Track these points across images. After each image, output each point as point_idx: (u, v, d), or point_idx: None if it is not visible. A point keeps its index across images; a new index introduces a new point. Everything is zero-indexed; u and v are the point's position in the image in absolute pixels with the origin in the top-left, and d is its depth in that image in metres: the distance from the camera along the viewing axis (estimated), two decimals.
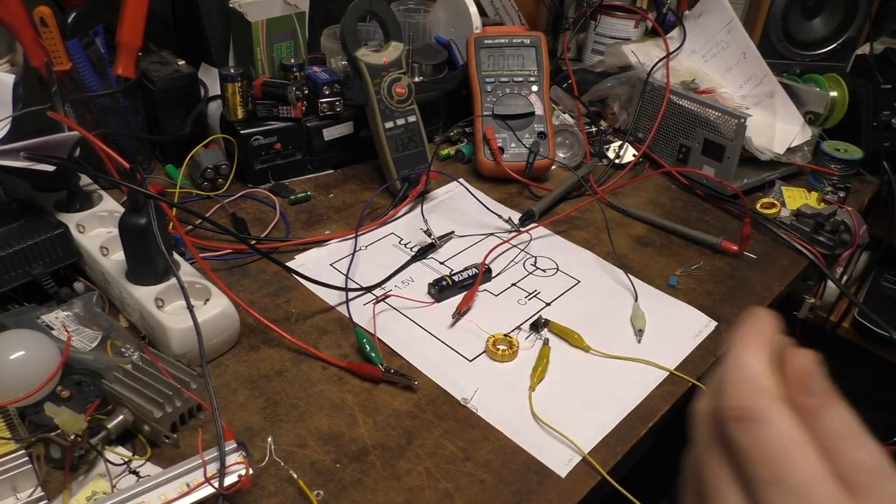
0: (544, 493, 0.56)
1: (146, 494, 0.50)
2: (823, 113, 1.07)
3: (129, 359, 0.62)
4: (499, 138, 0.98)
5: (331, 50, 1.04)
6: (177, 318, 0.63)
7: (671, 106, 1.02)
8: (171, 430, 0.58)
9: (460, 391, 0.65)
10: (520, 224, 0.89)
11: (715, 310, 0.76)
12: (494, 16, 1.27)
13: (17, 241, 0.68)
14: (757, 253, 0.86)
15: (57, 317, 0.66)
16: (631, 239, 0.88)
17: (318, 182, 0.97)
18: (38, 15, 0.77)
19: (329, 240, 0.84)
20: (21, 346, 0.57)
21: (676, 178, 1.01)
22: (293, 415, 0.61)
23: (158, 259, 0.66)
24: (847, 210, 0.92)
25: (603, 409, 0.63)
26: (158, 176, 0.94)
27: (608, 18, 1.25)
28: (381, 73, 0.89)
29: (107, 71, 0.86)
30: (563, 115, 1.11)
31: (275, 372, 0.66)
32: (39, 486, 0.52)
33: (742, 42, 1.09)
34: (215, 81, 0.95)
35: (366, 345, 0.67)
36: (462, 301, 0.74)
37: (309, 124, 0.93)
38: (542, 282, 0.80)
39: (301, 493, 0.54)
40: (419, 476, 0.57)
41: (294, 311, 0.73)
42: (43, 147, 0.69)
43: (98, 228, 0.76)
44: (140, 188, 0.63)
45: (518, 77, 1.01)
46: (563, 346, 0.70)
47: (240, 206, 0.90)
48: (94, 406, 0.58)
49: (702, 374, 0.68)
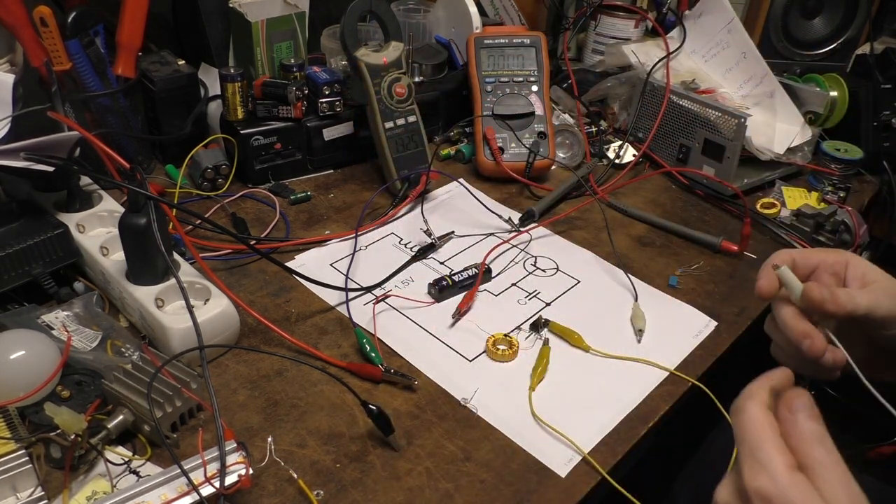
0: (544, 493, 0.56)
1: (146, 494, 0.50)
2: (823, 113, 1.07)
3: (129, 359, 0.62)
4: (499, 138, 0.98)
5: (331, 50, 1.04)
6: (177, 318, 0.63)
7: (671, 106, 1.02)
8: (171, 430, 0.58)
9: (460, 391, 0.65)
10: (520, 224, 0.89)
11: (715, 310, 0.76)
12: (494, 16, 1.27)
13: (17, 241, 0.68)
14: (757, 253, 0.86)
15: (57, 317, 0.66)
16: (631, 239, 0.88)
17: (318, 182, 0.97)
18: (38, 15, 0.77)
19: (329, 240, 0.84)
20: (21, 346, 0.57)
21: (676, 178, 1.01)
22: (293, 415, 0.61)
23: (158, 259, 0.66)
24: (847, 210, 0.92)
25: (603, 409, 0.63)
26: (158, 176, 0.94)
27: (608, 18, 1.25)
28: (381, 73, 0.89)
29: (107, 71, 0.86)
30: (563, 115, 1.11)
31: (275, 372, 0.66)
32: (39, 486, 0.52)
33: (742, 42, 1.09)
34: (215, 81, 0.95)
35: (366, 345, 0.67)
36: (462, 301, 0.74)
37: (309, 124, 0.93)
38: (542, 282, 0.80)
39: (301, 493, 0.54)
40: (419, 476, 0.57)
41: (294, 311, 0.73)
42: (43, 147, 0.69)
43: (98, 228, 0.76)
44: (140, 188, 0.63)
45: (518, 77, 1.01)
46: (563, 346, 0.70)
47: (240, 206, 0.90)
48: (94, 406, 0.58)
49: (702, 373, 0.68)
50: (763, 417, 0.42)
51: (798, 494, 0.39)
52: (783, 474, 0.40)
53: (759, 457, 0.41)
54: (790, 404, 0.43)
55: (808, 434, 0.41)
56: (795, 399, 0.43)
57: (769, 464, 0.40)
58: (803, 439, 0.41)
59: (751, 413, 0.43)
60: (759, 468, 0.41)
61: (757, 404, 0.43)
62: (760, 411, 0.43)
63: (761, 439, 0.41)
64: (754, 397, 0.44)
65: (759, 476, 0.41)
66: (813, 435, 0.41)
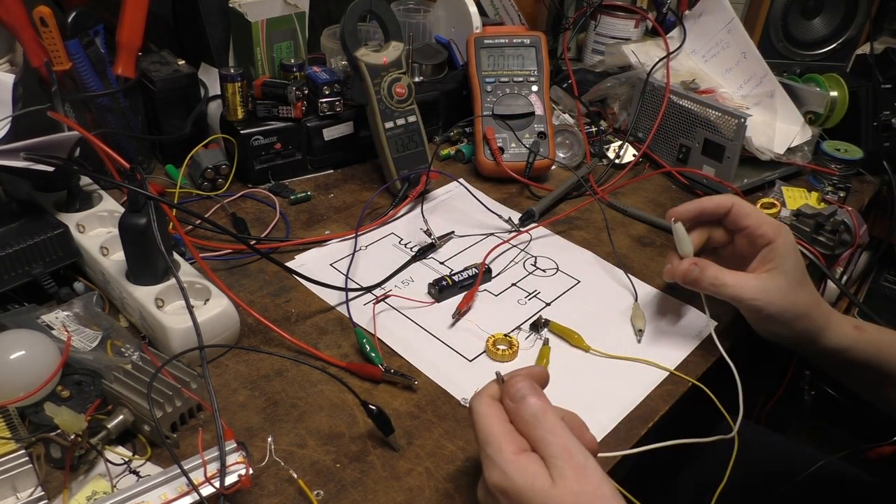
0: None
1: (146, 494, 0.50)
2: (823, 113, 1.07)
3: (129, 359, 0.62)
4: (499, 138, 0.98)
5: (331, 50, 1.04)
6: (177, 318, 0.63)
7: (671, 106, 1.02)
8: (171, 430, 0.58)
9: (460, 391, 0.65)
10: (520, 224, 0.89)
11: (715, 310, 0.76)
12: (494, 16, 1.27)
13: (17, 241, 0.68)
14: None
15: (57, 317, 0.66)
16: (631, 239, 0.88)
17: (318, 182, 0.97)
18: (38, 15, 0.77)
19: (329, 240, 0.84)
20: (21, 346, 0.57)
21: (676, 178, 1.01)
22: (293, 415, 0.61)
23: (158, 259, 0.66)
24: (847, 210, 0.92)
25: (603, 409, 0.63)
26: (158, 176, 0.94)
27: (608, 18, 1.25)
28: (381, 73, 0.89)
29: (107, 71, 0.86)
30: (563, 115, 1.11)
31: (275, 372, 0.66)
32: (39, 486, 0.52)
33: (742, 42, 1.09)
34: (215, 81, 0.95)
35: (366, 345, 0.67)
36: (462, 301, 0.74)
37: (309, 124, 0.93)
38: (542, 282, 0.80)
39: (301, 493, 0.54)
40: (419, 476, 0.57)
41: (294, 311, 0.73)
42: (43, 147, 0.69)
43: (98, 228, 0.76)
44: (140, 188, 0.63)
45: (518, 77, 1.01)
46: (563, 346, 0.70)
47: (240, 206, 0.90)
48: (94, 406, 0.58)
49: (702, 373, 0.68)
50: (488, 410, 0.46)
51: (523, 479, 0.43)
52: (510, 462, 0.43)
53: (489, 452, 0.44)
54: (510, 392, 0.46)
55: (529, 416, 0.45)
56: (512, 386, 0.46)
57: (497, 456, 0.44)
58: (526, 422, 0.45)
59: (477, 409, 0.46)
60: (491, 463, 0.44)
61: (483, 399, 0.47)
62: (485, 405, 0.46)
63: (489, 433, 0.45)
64: (481, 394, 0.48)
65: (492, 471, 0.44)
66: (533, 415, 0.45)
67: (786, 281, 0.65)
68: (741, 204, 0.68)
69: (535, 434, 0.45)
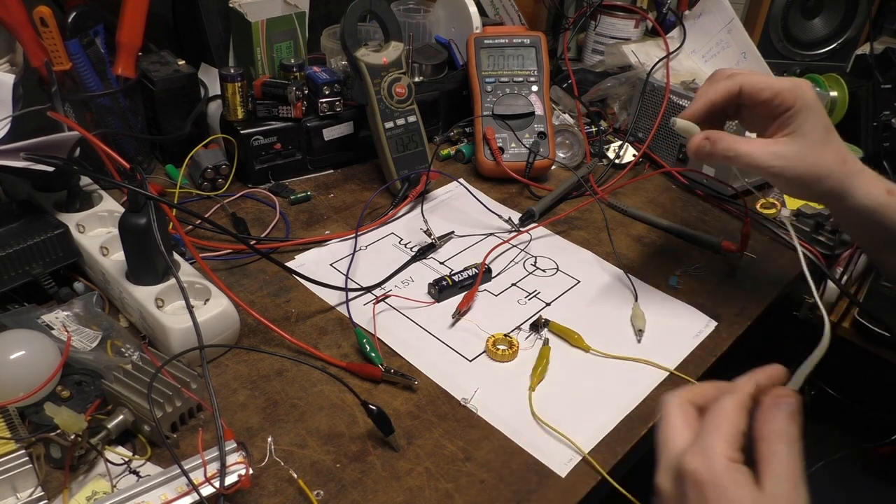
0: (544, 493, 0.56)
1: (146, 494, 0.50)
2: None
3: (129, 359, 0.62)
4: (499, 138, 0.98)
5: (331, 50, 1.04)
6: (177, 318, 0.63)
7: (671, 106, 1.02)
8: (171, 430, 0.58)
9: (460, 391, 0.65)
10: (520, 224, 0.89)
11: (715, 310, 0.76)
12: (494, 16, 1.27)
13: (17, 241, 0.68)
14: (757, 253, 0.86)
15: (57, 317, 0.66)
16: (631, 239, 0.88)
17: (318, 182, 0.97)
18: (38, 15, 0.77)
19: (329, 240, 0.84)
20: (21, 346, 0.57)
21: (676, 178, 1.01)
22: (293, 415, 0.61)
23: (158, 259, 0.66)
24: None
25: (603, 409, 0.63)
26: (158, 176, 0.94)
27: (608, 18, 1.25)
28: (381, 73, 0.89)
29: (107, 71, 0.86)
30: (563, 115, 1.11)
31: (275, 372, 0.66)
32: (39, 486, 0.52)
33: (742, 42, 1.09)
34: (215, 81, 0.95)
35: (366, 345, 0.67)
36: (462, 301, 0.74)
37: (309, 124, 0.93)
38: (542, 282, 0.80)
39: (301, 493, 0.54)
40: (419, 476, 0.57)
41: (294, 311, 0.73)
42: (43, 147, 0.69)
43: (98, 228, 0.76)
44: (140, 188, 0.63)
45: (518, 77, 1.01)
46: (563, 346, 0.70)
47: (240, 206, 0.90)
48: (94, 406, 0.58)
49: (702, 373, 0.68)
50: (732, 412, 0.42)
51: (732, 483, 0.39)
52: (721, 461, 0.39)
53: (704, 440, 0.41)
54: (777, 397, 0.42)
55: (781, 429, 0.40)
56: (785, 396, 0.42)
57: (709, 449, 0.40)
58: (773, 431, 0.40)
59: (724, 403, 0.42)
60: (699, 450, 0.40)
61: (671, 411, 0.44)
62: (733, 405, 0.42)
63: (716, 426, 0.41)
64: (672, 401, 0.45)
65: (696, 458, 0.40)
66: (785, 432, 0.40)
67: (805, 144, 0.61)
68: (750, 82, 0.63)
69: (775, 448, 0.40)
